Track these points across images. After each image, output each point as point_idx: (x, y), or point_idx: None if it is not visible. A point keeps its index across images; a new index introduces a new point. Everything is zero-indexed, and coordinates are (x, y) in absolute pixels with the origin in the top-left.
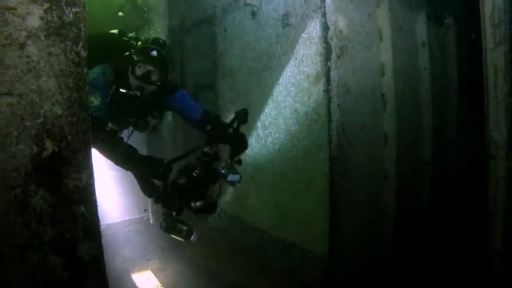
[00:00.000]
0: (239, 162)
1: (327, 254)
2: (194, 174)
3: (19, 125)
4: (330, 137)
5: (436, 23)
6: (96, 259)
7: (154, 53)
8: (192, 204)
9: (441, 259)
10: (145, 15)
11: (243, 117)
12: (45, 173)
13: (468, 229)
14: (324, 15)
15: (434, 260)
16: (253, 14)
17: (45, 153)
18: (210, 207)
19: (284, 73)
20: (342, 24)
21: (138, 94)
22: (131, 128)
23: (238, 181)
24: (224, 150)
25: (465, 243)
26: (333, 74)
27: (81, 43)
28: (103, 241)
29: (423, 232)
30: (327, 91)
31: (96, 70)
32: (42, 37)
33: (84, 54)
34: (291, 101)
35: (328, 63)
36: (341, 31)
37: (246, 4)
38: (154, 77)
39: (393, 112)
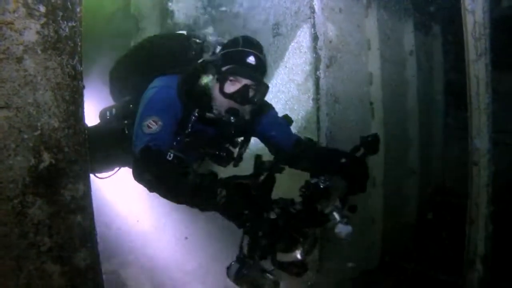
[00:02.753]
0: (354, 208)
1: (317, 259)
2: (293, 211)
3: (16, 138)
4: (319, 144)
5: (423, 31)
6: (92, 266)
7: (252, 59)
8: (279, 255)
9: (429, 264)
10: (138, 24)
11: (374, 145)
12: (43, 184)
13: (454, 235)
14: (313, 25)
15: (422, 266)
16: (244, 22)
17: (42, 165)
18: (300, 266)
19: (274, 81)
20: (331, 34)
21: (232, 120)
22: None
23: (348, 237)
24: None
25: (452, 248)
26: (322, 83)
27: (77, 57)
28: None
29: (410, 238)
30: (316, 99)
31: (161, 82)
32: (39, 51)
33: (80, 67)
34: (281, 108)
35: (318, 73)
36: (330, 41)
37: (237, 13)
38: (252, 94)
39: (381, 120)
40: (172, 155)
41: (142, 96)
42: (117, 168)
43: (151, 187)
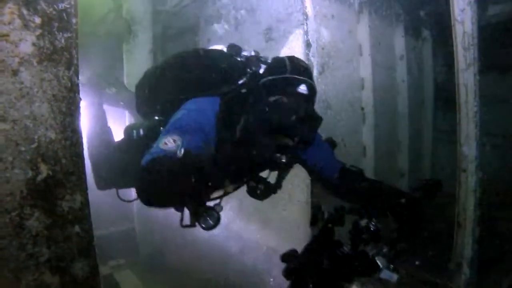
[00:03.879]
0: (403, 254)
1: None
2: (339, 253)
3: (14, 151)
4: None
5: (414, 36)
6: (90, 275)
7: (304, 88)
8: None
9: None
10: (130, 27)
11: (433, 190)
12: (40, 196)
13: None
14: (306, 32)
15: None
16: (236, 26)
17: (39, 177)
18: None
19: None
20: (323, 41)
21: (284, 160)
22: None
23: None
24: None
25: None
26: None
27: (73, 68)
28: None
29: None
30: None
31: (197, 103)
32: (35, 63)
33: (76, 79)
34: None
35: None
36: (322, 48)
37: (229, 17)
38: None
39: (372, 125)
40: (182, 150)
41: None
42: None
43: (156, 200)
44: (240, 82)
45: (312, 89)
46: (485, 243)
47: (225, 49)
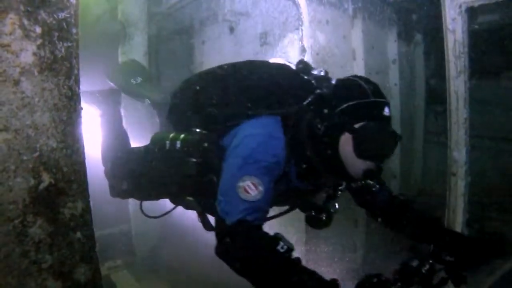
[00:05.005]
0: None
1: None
2: None
3: (16, 160)
4: None
5: (406, 40)
6: (92, 280)
7: (387, 111)
8: None
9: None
10: (125, 29)
11: (498, 247)
12: (43, 204)
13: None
14: (301, 38)
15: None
16: (231, 29)
17: (42, 185)
18: None
19: None
20: (318, 46)
21: (376, 187)
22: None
23: None
24: None
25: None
26: None
27: (73, 77)
28: None
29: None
30: None
31: (263, 127)
32: (36, 73)
33: (76, 88)
34: None
35: None
36: (317, 54)
37: (224, 20)
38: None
39: None
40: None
41: (234, 138)
42: (173, 207)
43: (238, 266)
44: (305, 102)
45: (390, 109)
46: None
47: (289, 64)
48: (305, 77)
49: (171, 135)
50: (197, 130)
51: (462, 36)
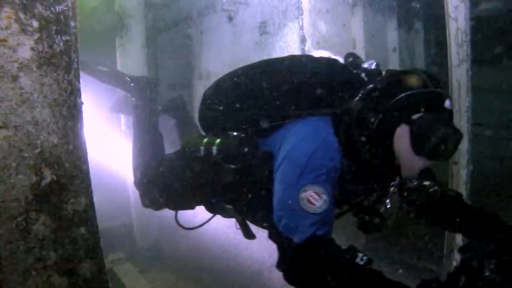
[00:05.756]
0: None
1: None
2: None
3: (17, 157)
4: None
5: (406, 28)
6: (97, 275)
7: (449, 103)
8: None
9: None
10: (122, 21)
11: None
12: (45, 201)
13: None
14: (302, 27)
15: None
16: (230, 19)
17: (44, 182)
18: None
19: None
20: (318, 35)
21: (434, 189)
22: None
23: None
24: None
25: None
26: None
27: (73, 72)
28: None
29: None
30: None
31: (317, 130)
32: (34, 68)
33: (77, 83)
34: None
35: None
36: (317, 43)
37: (223, 9)
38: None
39: None
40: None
41: (283, 143)
42: (211, 216)
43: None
44: (356, 99)
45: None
46: None
47: (335, 58)
48: (355, 71)
49: (205, 140)
50: (234, 134)
51: (465, 24)
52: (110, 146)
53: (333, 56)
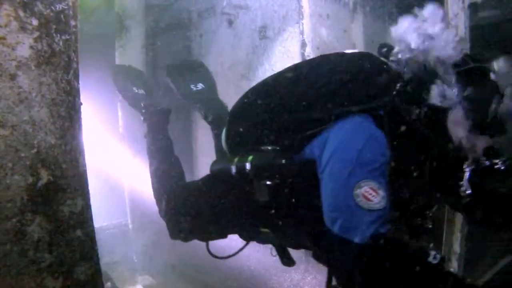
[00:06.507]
0: None
1: None
2: None
3: (13, 157)
4: None
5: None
6: (92, 278)
7: (495, 76)
8: None
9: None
10: (123, 22)
11: None
12: (41, 202)
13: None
14: (302, 32)
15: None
16: (230, 23)
17: (40, 183)
18: None
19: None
20: (319, 40)
21: (504, 165)
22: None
23: None
24: None
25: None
26: None
27: (71, 71)
28: None
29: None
30: None
31: (364, 127)
32: (33, 67)
33: (76, 83)
34: None
35: None
36: (317, 48)
37: (223, 13)
38: None
39: None
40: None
41: (326, 145)
42: (244, 243)
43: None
44: (395, 91)
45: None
46: (473, 239)
47: (367, 52)
48: (389, 62)
49: (236, 158)
50: (268, 147)
51: (465, 32)
52: (107, 148)
53: (364, 51)
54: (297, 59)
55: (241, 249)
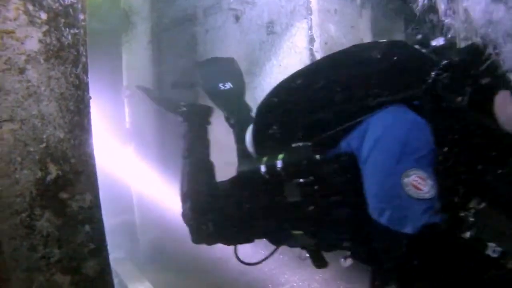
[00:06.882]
0: None
1: None
2: None
3: (22, 151)
4: None
5: (413, 31)
6: (101, 274)
7: None
8: None
9: None
10: (129, 17)
11: None
12: (50, 197)
13: None
14: (310, 27)
15: None
16: (237, 18)
17: (49, 177)
18: None
19: (268, 79)
20: (326, 36)
21: None
22: None
23: None
24: None
25: None
26: None
27: (80, 65)
28: None
29: None
30: None
31: (404, 115)
32: (42, 61)
33: (85, 77)
34: None
35: None
36: (325, 43)
37: (229, 8)
38: None
39: None
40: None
41: (365, 137)
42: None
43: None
44: (430, 80)
45: None
46: None
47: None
48: (423, 50)
49: (265, 158)
50: (299, 144)
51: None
52: (113, 143)
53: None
54: (304, 55)
55: (271, 254)
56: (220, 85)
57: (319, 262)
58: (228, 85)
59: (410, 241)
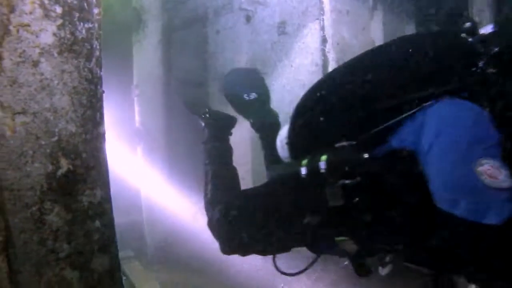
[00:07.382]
0: None
1: None
2: None
3: (34, 144)
4: None
5: (424, 31)
6: (110, 271)
7: None
8: None
9: None
10: (140, 16)
11: None
12: (60, 191)
13: None
14: (322, 28)
15: None
16: (248, 19)
17: (60, 171)
18: None
19: (279, 80)
20: (338, 37)
21: None
22: None
23: None
24: None
25: None
26: None
27: (94, 60)
28: None
29: None
30: None
31: (460, 106)
32: (55, 54)
33: (98, 71)
34: (286, 108)
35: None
36: (337, 44)
37: (241, 9)
38: None
39: None
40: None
41: (422, 130)
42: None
43: None
44: (479, 69)
45: None
46: None
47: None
48: (470, 39)
49: (304, 161)
50: (344, 143)
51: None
52: (123, 143)
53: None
54: (316, 55)
55: (312, 263)
56: (245, 95)
57: (363, 268)
58: (253, 95)
59: (498, 233)
